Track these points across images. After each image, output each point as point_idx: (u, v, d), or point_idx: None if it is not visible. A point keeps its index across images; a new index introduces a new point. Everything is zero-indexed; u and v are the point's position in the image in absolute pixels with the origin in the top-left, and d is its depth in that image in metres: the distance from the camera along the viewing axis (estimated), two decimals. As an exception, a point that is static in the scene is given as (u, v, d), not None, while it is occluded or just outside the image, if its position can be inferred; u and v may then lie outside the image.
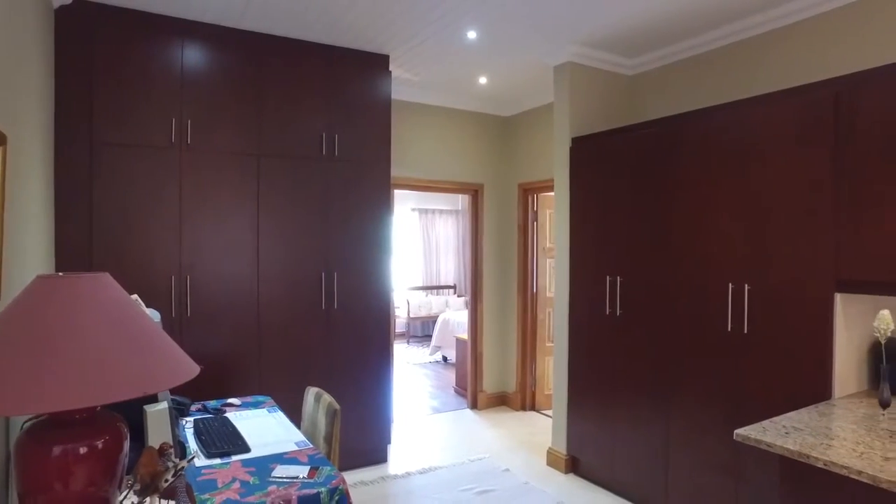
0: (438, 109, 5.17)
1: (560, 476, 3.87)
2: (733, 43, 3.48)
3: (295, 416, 3.19)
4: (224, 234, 3.46)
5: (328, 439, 2.38)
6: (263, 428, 2.44)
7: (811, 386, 2.48)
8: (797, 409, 2.33)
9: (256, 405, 2.79)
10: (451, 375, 6.82)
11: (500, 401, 5.57)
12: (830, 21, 3.01)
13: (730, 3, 3.14)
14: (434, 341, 7.86)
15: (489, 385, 5.52)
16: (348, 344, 3.87)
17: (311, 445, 2.24)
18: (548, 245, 5.28)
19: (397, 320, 9.66)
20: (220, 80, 3.45)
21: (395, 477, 3.84)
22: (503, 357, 5.57)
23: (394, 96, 4.81)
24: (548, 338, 5.33)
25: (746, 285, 2.73)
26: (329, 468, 1.99)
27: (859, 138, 2.33)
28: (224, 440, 2.22)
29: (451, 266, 10.51)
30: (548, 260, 5.28)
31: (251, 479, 1.90)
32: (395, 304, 9.58)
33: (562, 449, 3.92)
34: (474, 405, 5.48)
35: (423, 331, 9.94)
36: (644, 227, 3.28)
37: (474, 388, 5.48)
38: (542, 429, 4.81)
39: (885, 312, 2.08)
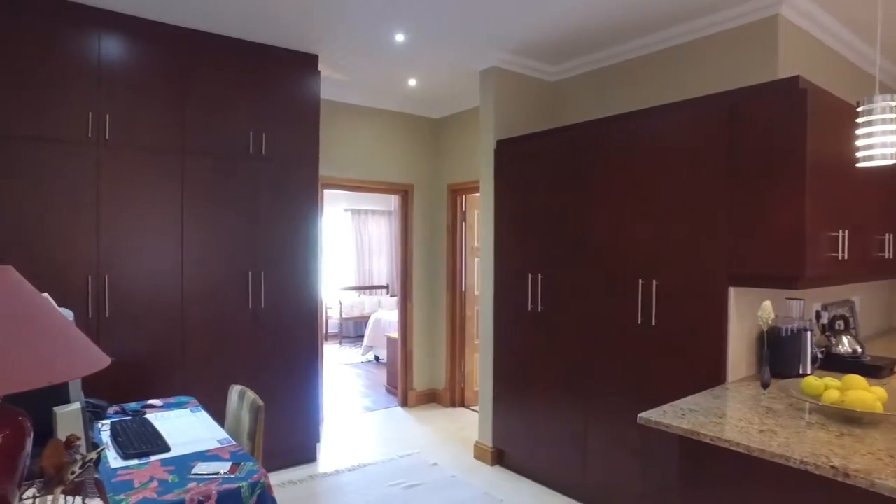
0: (369, 110, 5.21)
1: (486, 468, 4.00)
2: (647, 54, 3.71)
3: (221, 415, 3.15)
4: (147, 233, 3.37)
5: (252, 436, 2.38)
6: (186, 427, 2.41)
7: (709, 372, 2.71)
8: (697, 393, 2.53)
9: (179, 405, 2.74)
10: (383, 375, 6.85)
11: (431, 398, 5.66)
12: (728, 39, 3.27)
13: (642, 19, 3.35)
14: (366, 341, 7.87)
15: (419, 383, 5.60)
16: (276, 343, 3.85)
17: (235, 443, 2.24)
18: (476, 245, 5.42)
19: (330, 321, 9.58)
20: (142, 75, 3.36)
21: (325, 475, 3.85)
22: (433, 355, 5.67)
23: (324, 96, 4.81)
24: (476, 335, 5.47)
25: (654, 281, 2.94)
26: (251, 463, 2.01)
27: (748, 147, 2.56)
28: (143, 441, 2.18)
29: (383, 266, 10.53)
30: (476, 259, 5.42)
31: (170, 478, 1.89)
32: (328, 305, 9.51)
33: (488, 442, 4.05)
34: (405, 403, 5.55)
35: (356, 331, 9.90)
36: (563, 227, 3.45)
37: (405, 387, 5.54)
38: (471, 424, 4.93)
39: (767, 303, 2.30)
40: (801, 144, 2.37)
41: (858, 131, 2.07)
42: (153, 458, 2.06)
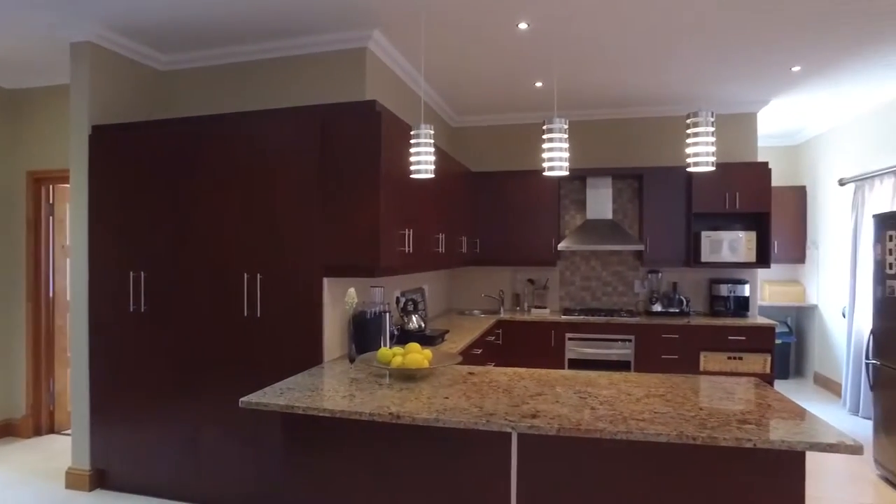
0: None
1: (84, 496, 3.53)
2: (259, 60, 3.87)
3: None
4: None
5: None
6: None
7: (309, 354, 3.02)
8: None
9: None
10: (-71, 413, 5.27)
11: (5, 432, 4.64)
12: (329, 59, 3.70)
13: (249, 26, 3.48)
14: None
15: (-12, 415, 4.54)
16: None
17: None
18: (68, 243, 4.70)
19: None
20: None
21: None
22: (7, 378, 4.65)
23: None
24: (70, 347, 4.74)
25: (259, 274, 3.11)
26: None
27: (338, 156, 2.97)
28: None
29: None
30: (68, 259, 4.70)
31: None
32: None
33: (85, 465, 3.58)
34: (-36, 443, 4.42)
35: None
36: (169, 222, 3.32)
37: (-36, 422, 4.41)
38: (63, 451, 4.25)
39: (351, 290, 2.73)
40: (377, 157, 2.88)
41: (412, 150, 2.65)
42: None
